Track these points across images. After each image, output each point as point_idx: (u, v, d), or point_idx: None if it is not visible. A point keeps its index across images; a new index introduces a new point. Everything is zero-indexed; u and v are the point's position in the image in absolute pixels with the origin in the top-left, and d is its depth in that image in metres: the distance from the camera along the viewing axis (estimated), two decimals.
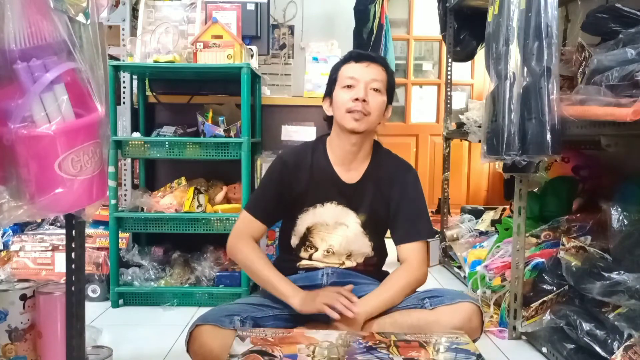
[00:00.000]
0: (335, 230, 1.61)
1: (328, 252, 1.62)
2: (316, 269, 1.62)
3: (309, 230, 1.62)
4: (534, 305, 1.92)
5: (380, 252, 1.67)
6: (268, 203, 1.62)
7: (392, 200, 1.62)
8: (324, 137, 1.67)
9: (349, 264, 1.63)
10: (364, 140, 1.59)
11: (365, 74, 1.54)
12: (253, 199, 1.70)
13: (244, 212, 1.63)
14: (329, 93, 1.61)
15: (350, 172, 1.61)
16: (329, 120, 1.63)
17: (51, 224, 2.66)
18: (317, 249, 1.62)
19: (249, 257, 1.57)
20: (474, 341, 1.36)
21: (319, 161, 1.62)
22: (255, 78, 2.59)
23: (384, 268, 1.71)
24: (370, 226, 1.62)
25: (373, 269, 1.66)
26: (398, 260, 1.63)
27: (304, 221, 1.61)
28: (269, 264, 1.57)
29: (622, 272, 1.59)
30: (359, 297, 1.54)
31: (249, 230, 1.60)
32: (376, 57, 1.60)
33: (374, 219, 1.61)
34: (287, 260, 1.66)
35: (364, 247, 1.63)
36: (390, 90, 1.60)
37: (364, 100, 1.51)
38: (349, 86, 1.54)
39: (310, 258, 1.63)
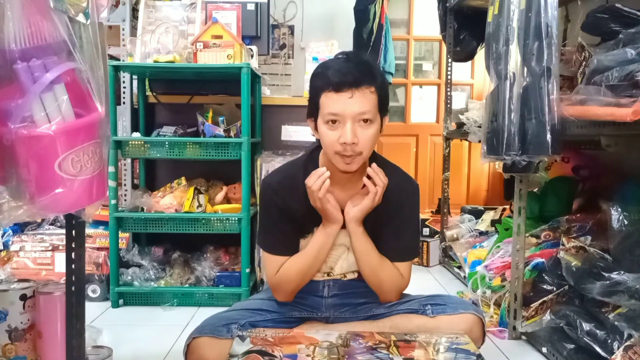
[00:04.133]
0: (336, 251, 1.53)
1: (329, 275, 1.57)
2: (317, 280, 1.57)
3: None
4: (534, 305, 1.92)
5: None
6: (284, 236, 1.51)
7: (388, 215, 1.50)
8: (314, 152, 1.54)
9: (351, 276, 1.58)
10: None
11: (350, 108, 1.33)
12: (268, 239, 1.53)
13: (268, 256, 1.52)
14: (312, 114, 1.44)
15: (347, 191, 1.48)
16: None
17: (51, 224, 2.66)
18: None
19: (291, 272, 1.49)
20: None
21: None
22: (255, 78, 2.59)
23: None
24: None
25: None
26: None
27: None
28: (298, 256, 1.50)
29: (622, 272, 1.59)
30: (360, 303, 1.54)
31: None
32: (360, 78, 1.34)
33: (374, 239, 1.51)
34: None
35: None
36: (383, 105, 1.40)
37: (353, 143, 1.35)
38: (333, 121, 1.36)
39: None
